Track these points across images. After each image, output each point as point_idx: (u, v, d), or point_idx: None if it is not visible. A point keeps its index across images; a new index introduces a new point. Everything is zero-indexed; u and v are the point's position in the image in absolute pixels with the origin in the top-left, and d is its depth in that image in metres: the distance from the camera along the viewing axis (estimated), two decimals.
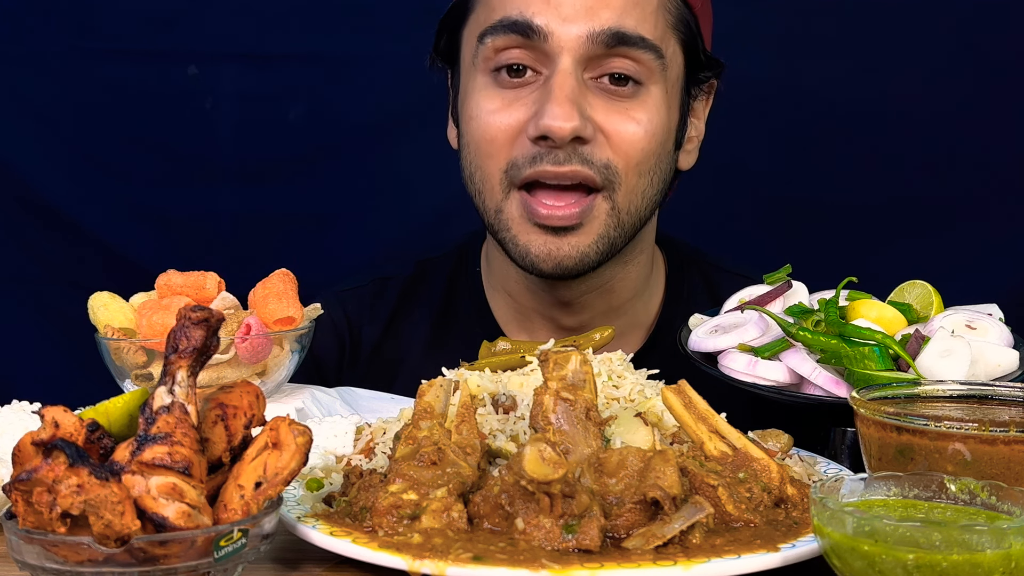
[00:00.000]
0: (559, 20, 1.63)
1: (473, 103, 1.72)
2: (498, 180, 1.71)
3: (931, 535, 0.94)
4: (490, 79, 1.71)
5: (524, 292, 1.86)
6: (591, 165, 1.66)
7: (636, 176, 1.70)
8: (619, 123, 1.67)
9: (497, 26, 1.66)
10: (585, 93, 1.66)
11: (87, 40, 2.54)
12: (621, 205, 1.70)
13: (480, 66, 1.71)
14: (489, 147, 1.70)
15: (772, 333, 1.56)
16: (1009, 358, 1.47)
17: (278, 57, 2.56)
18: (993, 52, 2.49)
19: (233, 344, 1.53)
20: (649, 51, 1.66)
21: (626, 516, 1.11)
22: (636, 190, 1.71)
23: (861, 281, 1.61)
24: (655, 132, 1.69)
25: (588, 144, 1.66)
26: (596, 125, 1.66)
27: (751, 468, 1.22)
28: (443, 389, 1.29)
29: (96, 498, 0.96)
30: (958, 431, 1.13)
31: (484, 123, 1.69)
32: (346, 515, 1.18)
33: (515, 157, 1.68)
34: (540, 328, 1.88)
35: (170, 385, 1.06)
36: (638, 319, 1.91)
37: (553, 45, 1.64)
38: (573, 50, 1.64)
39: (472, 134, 1.73)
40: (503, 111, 1.69)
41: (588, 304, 1.85)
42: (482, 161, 1.72)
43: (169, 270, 1.63)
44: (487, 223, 1.78)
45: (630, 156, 1.68)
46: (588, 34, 1.63)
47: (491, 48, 1.68)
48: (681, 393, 1.28)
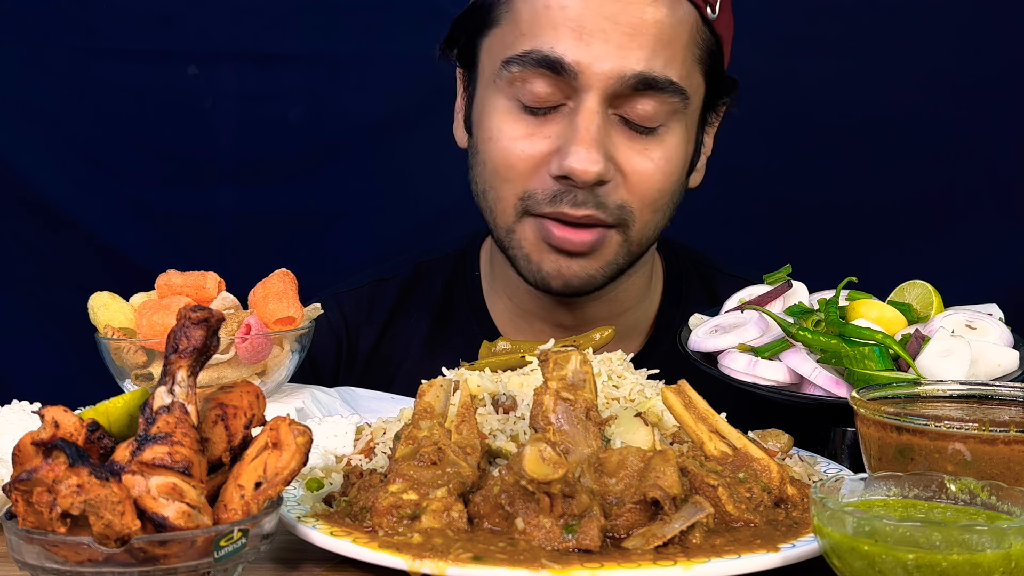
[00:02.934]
0: (590, 58, 1.62)
1: (494, 125, 1.71)
2: (512, 204, 1.71)
3: (931, 535, 0.94)
4: (513, 104, 1.69)
5: (526, 296, 1.87)
6: (605, 209, 1.68)
7: (651, 213, 1.72)
8: (638, 163, 1.68)
9: (526, 59, 1.64)
10: (608, 130, 1.66)
11: (87, 40, 2.54)
12: (634, 238, 1.73)
13: (503, 89, 1.69)
14: (507, 172, 1.69)
15: (772, 333, 1.56)
16: (1009, 358, 1.47)
17: (278, 57, 2.56)
18: (994, 52, 2.49)
19: (233, 344, 1.53)
20: (675, 94, 1.66)
21: (626, 516, 1.11)
22: (650, 225, 1.74)
23: (861, 281, 1.61)
24: (672, 171, 1.71)
25: (607, 186, 1.67)
26: (616, 165, 1.67)
27: (751, 468, 1.22)
28: (443, 389, 1.29)
29: (96, 498, 0.96)
30: (958, 431, 1.13)
31: (504, 148, 1.69)
32: (346, 515, 1.18)
33: (533, 189, 1.68)
34: (540, 332, 1.89)
35: (170, 385, 1.06)
36: (637, 323, 1.93)
37: (582, 82, 1.63)
38: (601, 89, 1.63)
39: (490, 155, 1.72)
40: (525, 140, 1.68)
41: (590, 310, 1.88)
42: (498, 183, 1.72)
43: (169, 270, 1.63)
44: (496, 238, 1.78)
45: (645, 196, 1.70)
46: (618, 75, 1.62)
47: (517, 77, 1.66)
48: (681, 393, 1.28)
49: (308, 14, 2.56)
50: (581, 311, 1.88)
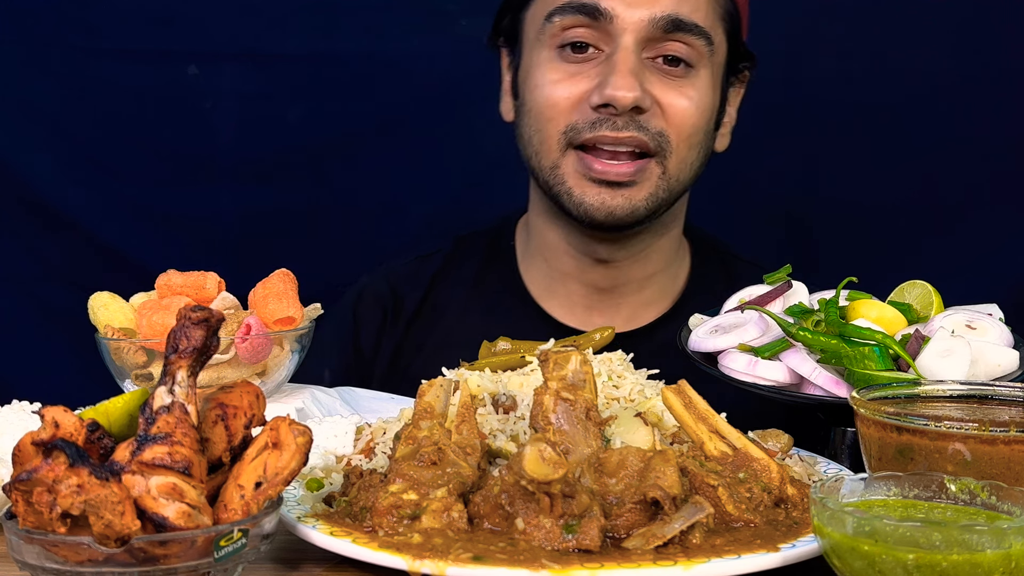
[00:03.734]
0: (624, 5, 1.80)
1: (539, 74, 1.87)
2: (556, 140, 1.85)
3: (931, 535, 0.94)
4: (555, 54, 1.86)
5: (564, 256, 1.99)
6: (647, 132, 1.81)
7: (687, 148, 1.86)
8: (673, 98, 1.83)
9: (565, 7, 1.82)
10: (643, 70, 1.81)
11: (87, 40, 2.54)
12: (672, 172, 1.86)
13: (546, 42, 1.86)
14: (551, 111, 1.85)
15: (772, 333, 1.56)
16: (1009, 358, 1.47)
17: (278, 57, 2.56)
18: (994, 52, 2.49)
19: (233, 344, 1.53)
20: (701, 37, 1.83)
21: (626, 516, 1.11)
22: (686, 160, 1.87)
23: (861, 281, 1.61)
24: (704, 109, 1.86)
25: (644, 114, 1.81)
26: (653, 98, 1.81)
27: (751, 468, 1.22)
28: (443, 389, 1.29)
29: (96, 498, 0.96)
30: (958, 431, 1.13)
31: (548, 91, 1.85)
32: (346, 515, 1.18)
33: (575, 121, 1.84)
34: (573, 292, 2.00)
35: (170, 385, 1.06)
36: (665, 290, 2.04)
37: (617, 26, 1.80)
38: (635, 31, 1.80)
39: (535, 101, 1.87)
40: (566, 81, 1.84)
41: (623, 270, 1.98)
42: (542, 124, 1.86)
43: (169, 270, 1.63)
44: (542, 181, 1.91)
45: (682, 128, 1.84)
46: (649, 18, 1.79)
47: (558, 26, 1.84)
48: (681, 393, 1.28)
49: (308, 14, 2.56)
50: (616, 270, 1.98)
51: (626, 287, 1.98)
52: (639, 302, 2.00)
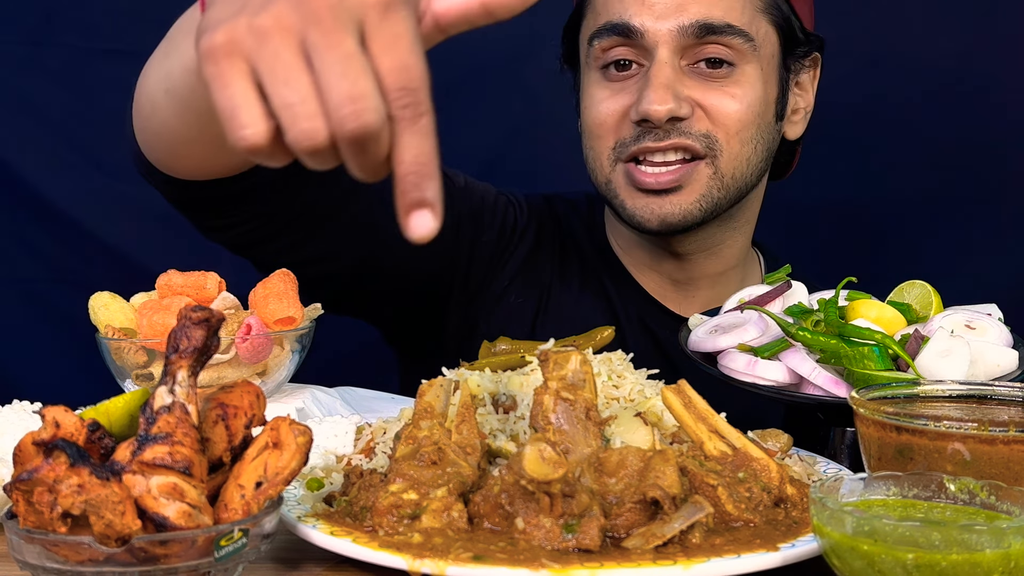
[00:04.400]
0: (653, 19, 1.83)
1: (588, 95, 1.94)
2: (607, 157, 1.90)
3: (930, 535, 0.94)
4: (600, 75, 1.92)
5: (637, 249, 2.04)
6: (690, 136, 1.84)
7: (739, 144, 1.86)
8: (716, 99, 1.85)
9: (601, 30, 1.88)
10: (683, 78, 1.84)
11: (87, 40, 2.54)
12: (724, 170, 1.86)
13: (592, 64, 1.93)
14: (599, 130, 1.91)
15: (772, 333, 1.56)
16: (1008, 358, 1.47)
17: None
18: (995, 52, 2.49)
19: (233, 344, 1.53)
20: (737, 36, 1.84)
21: (626, 516, 1.11)
22: (740, 156, 1.87)
23: (861, 281, 1.61)
24: (751, 104, 1.86)
25: (686, 121, 1.83)
26: (694, 102, 1.84)
27: (751, 468, 1.22)
28: (443, 389, 1.29)
29: (97, 498, 0.96)
30: (957, 431, 1.13)
31: (596, 111, 1.91)
32: (346, 515, 1.18)
33: (622, 137, 1.88)
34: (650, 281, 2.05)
35: (171, 385, 1.06)
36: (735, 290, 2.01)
37: (650, 41, 1.83)
38: (668, 43, 1.82)
39: (586, 122, 1.94)
40: (610, 99, 1.89)
41: (697, 264, 2.01)
42: (594, 142, 1.93)
43: (170, 270, 1.63)
44: (601, 195, 1.97)
45: (728, 126, 1.85)
46: (679, 28, 1.82)
47: (599, 48, 1.89)
48: (681, 393, 1.28)
49: None
50: (689, 264, 2.01)
51: (700, 281, 2.02)
52: (710, 298, 2.02)
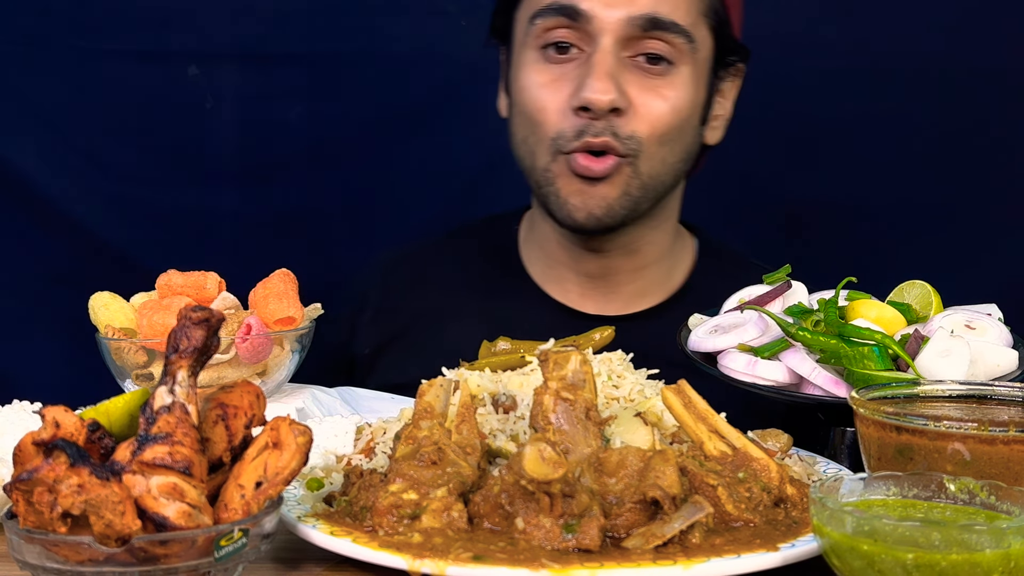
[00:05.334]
0: (602, 5, 1.83)
1: (524, 75, 1.92)
2: (547, 145, 1.89)
3: (930, 535, 0.94)
4: (539, 55, 1.90)
5: (556, 247, 2.04)
6: (618, 139, 1.84)
7: (658, 145, 1.87)
8: (648, 99, 1.85)
9: (546, 10, 1.86)
10: (622, 70, 1.84)
11: (87, 40, 2.53)
12: (643, 170, 1.88)
13: (531, 43, 1.91)
14: (540, 116, 1.89)
15: (772, 333, 1.56)
16: (1008, 358, 1.47)
17: (278, 57, 2.56)
18: (994, 52, 2.49)
19: (233, 344, 1.53)
20: (680, 35, 1.85)
21: (626, 516, 1.11)
22: (657, 157, 1.88)
23: (861, 281, 1.61)
24: (680, 108, 1.88)
25: (622, 116, 1.84)
26: (629, 100, 1.84)
27: (751, 468, 1.22)
28: (443, 389, 1.29)
29: (97, 498, 0.96)
30: (957, 431, 1.13)
31: (535, 95, 1.89)
32: (346, 515, 1.19)
33: (563, 129, 1.86)
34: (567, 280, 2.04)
35: (171, 385, 1.06)
36: (660, 283, 2.07)
37: (595, 27, 1.83)
38: (613, 31, 1.82)
39: (524, 103, 1.92)
40: (551, 85, 1.88)
41: (614, 260, 2.01)
42: (534, 128, 1.91)
43: (170, 270, 1.63)
44: (533, 180, 1.95)
45: (654, 128, 1.86)
46: (627, 18, 1.82)
47: (540, 28, 1.88)
48: (681, 393, 1.29)
49: (308, 14, 2.56)
50: (606, 260, 2.01)
51: (618, 276, 2.02)
52: (632, 292, 2.03)
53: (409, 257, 2.17)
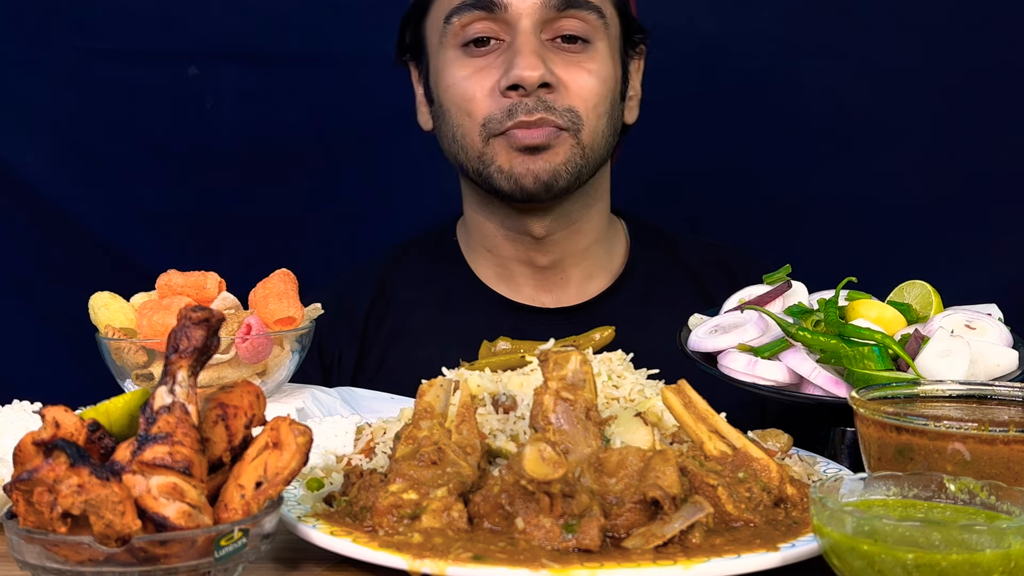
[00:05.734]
0: None
1: (448, 74, 1.95)
2: (477, 132, 1.92)
3: (930, 535, 0.94)
4: (459, 52, 1.94)
5: (503, 242, 2.05)
6: (555, 112, 1.88)
7: (596, 118, 1.92)
8: (575, 74, 1.91)
9: (461, 6, 1.90)
10: (544, 51, 1.89)
11: (87, 40, 2.54)
12: (585, 141, 1.92)
13: (449, 43, 1.94)
14: (468, 105, 1.92)
15: (772, 333, 1.56)
16: (1008, 358, 1.47)
17: (278, 57, 2.56)
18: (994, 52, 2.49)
19: (233, 344, 1.53)
20: (593, 11, 1.92)
21: (626, 516, 1.11)
22: (596, 130, 1.93)
23: (861, 281, 1.61)
24: (606, 79, 1.94)
25: (553, 93, 1.88)
26: (557, 79, 1.89)
27: (751, 468, 1.22)
28: (443, 389, 1.29)
29: (97, 498, 0.96)
30: (957, 431, 1.13)
31: (461, 87, 1.92)
32: (346, 515, 1.19)
33: (491, 112, 1.90)
34: (519, 275, 2.06)
35: (171, 385, 1.06)
36: (603, 265, 2.10)
37: (512, 14, 1.89)
38: (530, 15, 1.88)
39: (451, 99, 1.95)
40: (476, 75, 1.91)
41: (560, 245, 2.04)
42: (462, 119, 1.93)
43: (170, 270, 1.63)
44: (472, 171, 1.97)
45: (588, 100, 1.91)
46: (542, 0, 1.88)
47: (457, 26, 1.92)
48: (681, 393, 1.28)
49: (308, 14, 2.56)
50: (551, 245, 2.03)
51: (564, 261, 2.04)
52: (581, 276, 2.05)
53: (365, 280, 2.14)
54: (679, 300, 1.97)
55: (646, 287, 2.04)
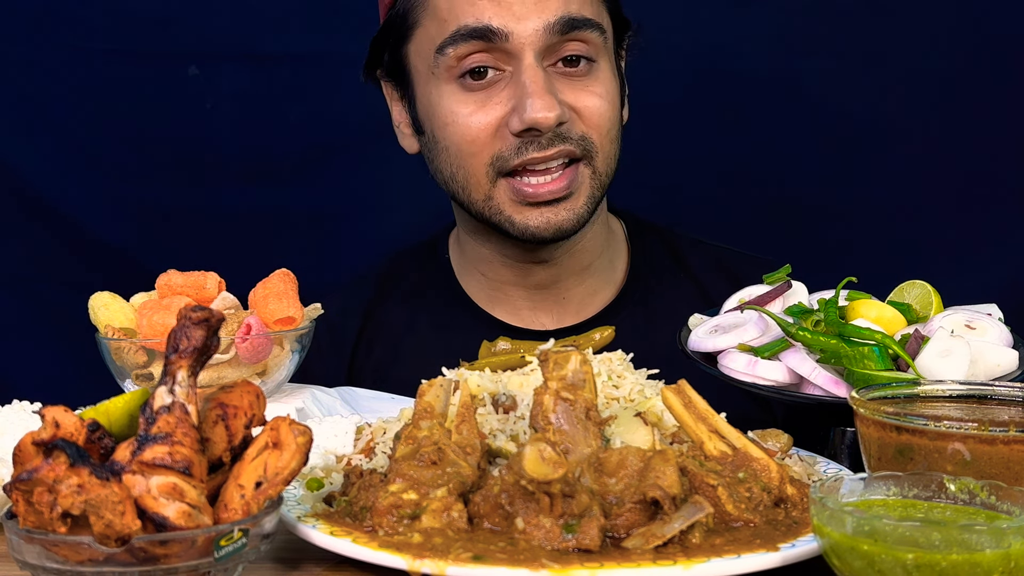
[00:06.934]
0: (514, 19, 1.75)
1: (445, 110, 1.82)
2: (484, 173, 1.82)
3: (930, 535, 0.94)
4: (456, 86, 1.81)
5: (500, 267, 1.98)
6: (570, 141, 1.79)
7: (608, 142, 1.85)
8: (585, 99, 1.81)
9: (456, 36, 1.77)
10: (552, 81, 1.78)
11: (87, 40, 2.54)
12: (600, 169, 1.85)
13: (442, 75, 1.81)
14: (471, 146, 1.80)
15: (772, 333, 1.56)
16: (1009, 358, 1.47)
17: (278, 57, 2.56)
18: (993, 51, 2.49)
19: (233, 344, 1.53)
20: (595, 30, 1.80)
21: (626, 516, 1.11)
22: (610, 154, 1.86)
23: (861, 281, 1.61)
24: (613, 100, 1.85)
25: (565, 125, 1.78)
26: (567, 107, 1.79)
27: (751, 468, 1.22)
28: (443, 389, 1.29)
29: (97, 498, 0.96)
30: (958, 431, 1.13)
31: (463, 126, 1.80)
32: (346, 515, 1.19)
33: (499, 151, 1.79)
34: (516, 298, 1.99)
35: (170, 385, 1.06)
36: (607, 279, 2.03)
37: (514, 43, 1.76)
38: (533, 44, 1.76)
39: (451, 138, 1.83)
40: (479, 112, 1.79)
41: (562, 264, 1.96)
42: (465, 160, 1.82)
43: (169, 270, 1.63)
44: (476, 212, 1.87)
45: (601, 126, 1.82)
46: (544, 26, 1.75)
47: (453, 57, 1.78)
48: (681, 393, 1.28)
49: (308, 14, 2.56)
50: (554, 267, 1.96)
51: (567, 281, 1.97)
52: (583, 293, 1.99)
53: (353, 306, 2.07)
54: (679, 300, 1.92)
55: (647, 288, 2.00)
